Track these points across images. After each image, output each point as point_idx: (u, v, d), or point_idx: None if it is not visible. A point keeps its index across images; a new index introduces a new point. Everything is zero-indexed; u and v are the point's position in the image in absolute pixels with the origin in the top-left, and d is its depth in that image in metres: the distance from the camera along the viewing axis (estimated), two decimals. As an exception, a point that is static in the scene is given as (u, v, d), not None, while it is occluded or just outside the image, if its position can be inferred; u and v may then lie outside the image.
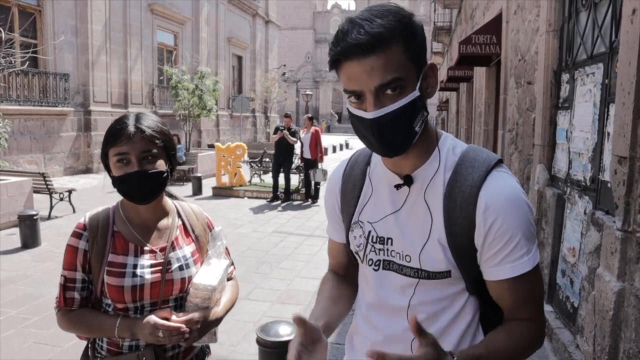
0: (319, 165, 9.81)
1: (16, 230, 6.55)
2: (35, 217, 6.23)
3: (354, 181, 1.18)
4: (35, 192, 7.84)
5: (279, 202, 10.04)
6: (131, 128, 1.34)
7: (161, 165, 1.39)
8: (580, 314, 3.10)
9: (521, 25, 5.48)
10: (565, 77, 3.95)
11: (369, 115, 0.94)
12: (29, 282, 4.93)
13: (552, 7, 4.15)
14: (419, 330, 0.88)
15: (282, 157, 9.91)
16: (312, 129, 9.75)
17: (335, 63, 0.95)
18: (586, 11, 3.51)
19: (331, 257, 1.34)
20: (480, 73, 9.45)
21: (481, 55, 7.17)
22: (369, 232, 1.12)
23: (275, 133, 9.94)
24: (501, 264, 1.00)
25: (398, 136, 0.96)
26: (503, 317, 1.07)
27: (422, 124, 0.99)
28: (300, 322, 0.98)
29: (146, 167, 1.35)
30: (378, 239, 1.10)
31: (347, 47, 0.91)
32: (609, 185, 2.74)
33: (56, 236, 6.79)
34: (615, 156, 2.54)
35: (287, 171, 10.01)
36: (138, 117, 1.39)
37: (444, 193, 1.02)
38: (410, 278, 1.07)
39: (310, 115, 10.44)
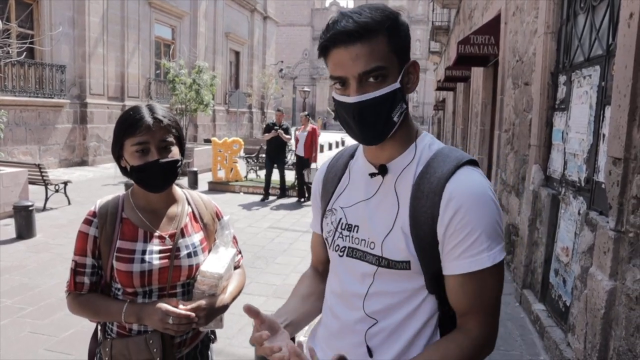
0: (313, 165, 9.53)
1: (11, 220, 6.54)
2: (30, 208, 6.22)
3: (335, 171, 1.24)
4: (30, 183, 7.80)
5: (274, 198, 10.00)
6: (149, 118, 1.38)
7: (176, 153, 1.43)
8: (572, 312, 3.15)
9: (519, 26, 5.52)
10: (562, 78, 3.99)
11: (351, 99, 1.00)
12: (24, 273, 4.93)
13: (551, 9, 4.19)
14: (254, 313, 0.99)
15: (274, 154, 9.70)
16: (310, 127, 9.52)
17: (324, 50, 1.02)
18: (584, 14, 3.55)
19: (313, 252, 1.38)
20: (477, 73, 9.49)
21: (479, 55, 7.20)
22: (340, 219, 1.16)
23: (267, 131, 9.65)
24: (459, 258, 0.99)
25: (377, 123, 1.02)
26: None
27: (401, 115, 1.04)
28: (251, 313, 1.01)
29: (164, 155, 1.39)
30: (346, 226, 1.14)
31: (335, 34, 0.98)
32: (603, 186, 2.78)
33: (51, 227, 6.78)
34: (610, 157, 2.58)
35: (281, 168, 9.88)
36: (152, 108, 1.42)
37: (413, 183, 1.05)
38: (371, 265, 1.09)
39: (307, 112, 10.25)
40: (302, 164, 9.59)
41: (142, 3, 16.50)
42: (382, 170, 1.09)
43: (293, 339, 2.94)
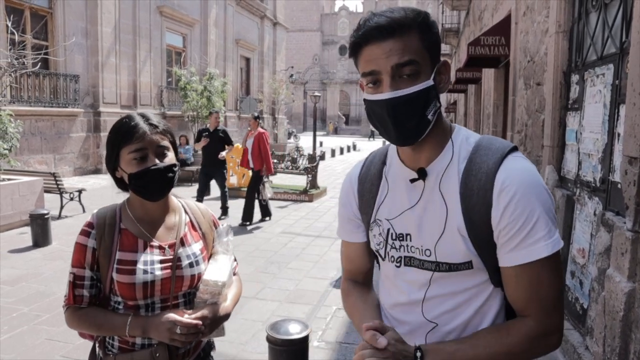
0: (265, 178, 7.91)
1: (27, 229, 6.63)
2: (46, 216, 6.29)
3: (371, 181, 1.19)
4: (46, 191, 7.92)
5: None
6: (144, 125, 1.37)
7: (173, 158, 1.42)
8: (590, 315, 3.09)
9: (530, 26, 5.48)
10: (574, 78, 3.94)
11: (385, 95, 0.98)
12: (40, 280, 4.99)
13: (562, 8, 4.14)
14: (380, 327, 0.98)
15: (209, 165, 7.93)
16: (258, 130, 7.81)
17: (355, 47, 1.01)
18: (596, 12, 3.50)
19: (348, 262, 1.31)
20: (488, 75, 9.43)
21: (490, 56, 7.15)
22: (388, 229, 1.13)
23: (198, 140, 7.90)
24: (516, 248, 0.97)
25: (412, 121, 0.99)
26: None
27: (435, 114, 1.02)
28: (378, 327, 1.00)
29: (162, 160, 1.38)
30: (397, 236, 1.11)
31: (368, 30, 0.97)
32: (619, 186, 2.73)
33: (66, 235, 6.85)
34: (625, 157, 2.54)
35: (220, 182, 8.16)
36: (144, 115, 1.42)
37: (460, 182, 1.02)
38: (428, 271, 1.07)
39: (256, 114, 8.27)
40: (255, 178, 7.91)
41: (153, 12, 16.70)
42: (422, 174, 1.06)
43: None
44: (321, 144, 26.35)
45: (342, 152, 25.15)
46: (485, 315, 1.06)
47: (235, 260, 1.63)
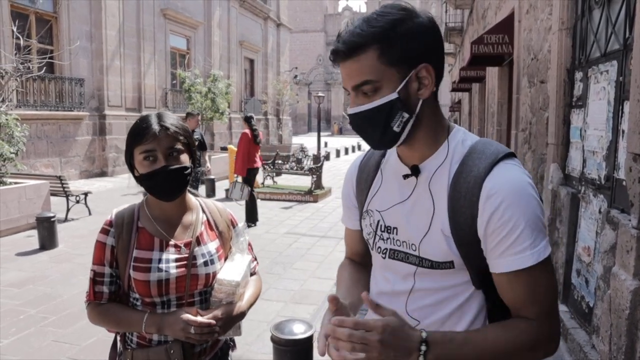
0: (239, 178, 7.68)
1: (34, 232, 6.68)
2: (52, 219, 6.34)
3: (367, 171, 1.24)
4: (52, 194, 7.97)
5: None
6: (156, 126, 1.39)
7: (185, 160, 1.44)
8: (596, 313, 3.08)
9: (533, 24, 5.46)
10: (578, 75, 3.92)
11: (348, 111, 1.06)
12: (47, 283, 5.02)
13: (565, 5, 4.12)
14: (374, 305, 0.94)
15: None
16: (244, 131, 7.74)
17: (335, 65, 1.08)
18: (599, 8, 3.49)
19: (347, 246, 1.39)
20: (492, 73, 9.40)
21: (493, 55, 7.13)
22: (378, 221, 1.16)
23: None
24: (502, 256, 0.97)
25: (375, 133, 1.04)
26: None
27: (405, 124, 1.02)
28: (334, 301, 0.99)
29: (172, 162, 1.40)
30: (385, 228, 1.14)
31: (332, 52, 1.04)
32: (624, 183, 2.72)
33: (73, 238, 6.90)
34: (630, 154, 2.52)
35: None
36: (160, 116, 1.44)
37: (450, 183, 1.03)
38: (412, 266, 1.09)
39: (249, 114, 7.97)
40: (245, 177, 7.77)
41: (157, 15, 16.77)
42: (415, 171, 1.08)
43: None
44: (326, 144, 26.37)
45: (346, 152, 25.13)
46: (463, 314, 1.06)
47: (255, 260, 1.65)
